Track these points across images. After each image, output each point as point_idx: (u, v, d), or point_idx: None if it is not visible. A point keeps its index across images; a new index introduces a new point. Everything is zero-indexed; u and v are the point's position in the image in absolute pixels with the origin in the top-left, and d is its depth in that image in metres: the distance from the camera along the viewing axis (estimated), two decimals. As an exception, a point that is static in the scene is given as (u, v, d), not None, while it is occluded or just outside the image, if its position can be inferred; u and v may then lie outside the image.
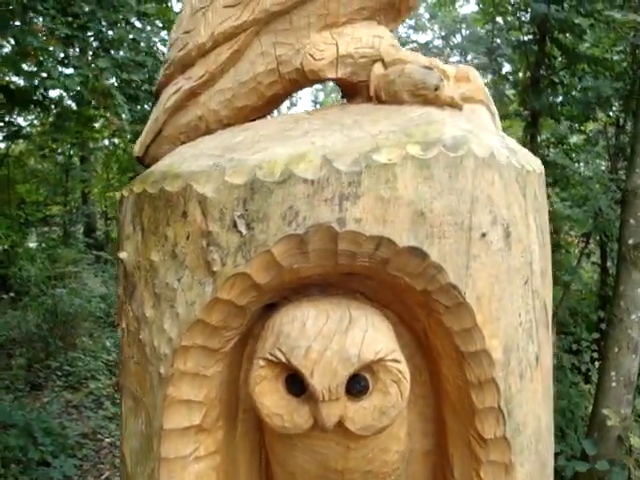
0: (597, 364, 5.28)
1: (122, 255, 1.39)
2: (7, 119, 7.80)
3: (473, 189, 1.22)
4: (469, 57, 16.88)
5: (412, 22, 18.81)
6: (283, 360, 1.21)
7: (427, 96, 1.33)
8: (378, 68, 1.42)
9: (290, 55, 1.42)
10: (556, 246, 6.82)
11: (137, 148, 1.60)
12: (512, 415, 1.33)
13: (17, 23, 4.89)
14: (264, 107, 1.50)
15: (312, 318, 1.23)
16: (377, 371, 1.23)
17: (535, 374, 1.38)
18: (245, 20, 1.39)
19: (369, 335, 1.22)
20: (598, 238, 6.52)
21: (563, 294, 5.63)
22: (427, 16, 18.38)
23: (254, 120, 1.50)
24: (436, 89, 1.33)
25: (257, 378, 1.26)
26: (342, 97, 1.58)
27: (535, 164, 1.43)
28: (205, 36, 1.42)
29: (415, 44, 18.27)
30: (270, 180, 1.18)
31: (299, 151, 1.21)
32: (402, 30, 19.03)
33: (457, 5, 15.12)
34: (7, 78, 7.12)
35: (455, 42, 17.76)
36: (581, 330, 6.08)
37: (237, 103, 1.47)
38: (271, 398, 1.26)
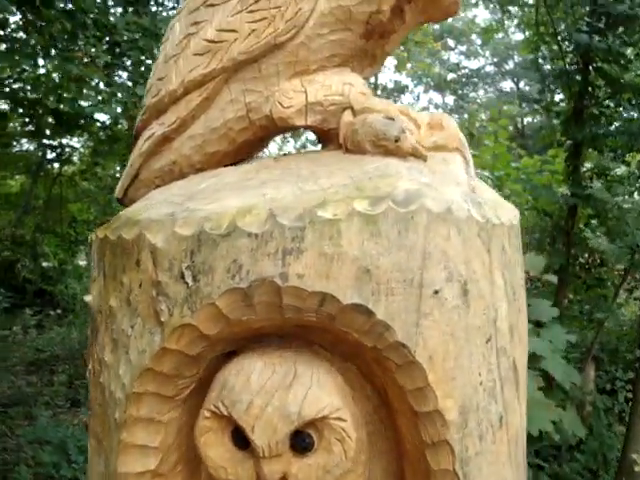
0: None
1: (87, 298, 1.40)
2: (57, 141, 8.08)
3: (425, 245, 1.20)
4: (522, 84, 16.69)
5: (464, 48, 18.74)
6: (225, 413, 1.20)
7: (388, 147, 1.32)
8: (347, 116, 1.41)
9: (259, 102, 1.42)
10: (599, 280, 6.63)
11: (117, 190, 1.63)
12: (469, 478, 1.28)
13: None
14: (236, 153, 1.50)
15: (257, 372, 1.21)
16: (322, 429, 1.21)
17: (499, 435, 1.33)
18: (214, 68, 1.40)
19: (312, 392, 1.19)
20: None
21: (597, 332, 5.44)
22: (479, 42, 18.29)
23: (227, 165, 1.51)
24: (396, 140, 1.31)
25: (202, 429, 1.25)
26: (319, 143, 1.57)
27: (507, 216, 1.39)
28: (176, 83, 1.44)
29: (467, 70, 18.19)
30: (216, 233, 1.18)
31: (248, 204, 1.21)
32: (454, 57, 18.99)
33: (510, 32, 15.01)
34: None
35: (507, 68, 17.58)
36: (617, 369, 5.86)
37: (208, 149, 1.48)
38: (216, 450, 1.25)
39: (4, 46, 5.22)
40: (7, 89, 6.23)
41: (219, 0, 1.40)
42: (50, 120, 7.27)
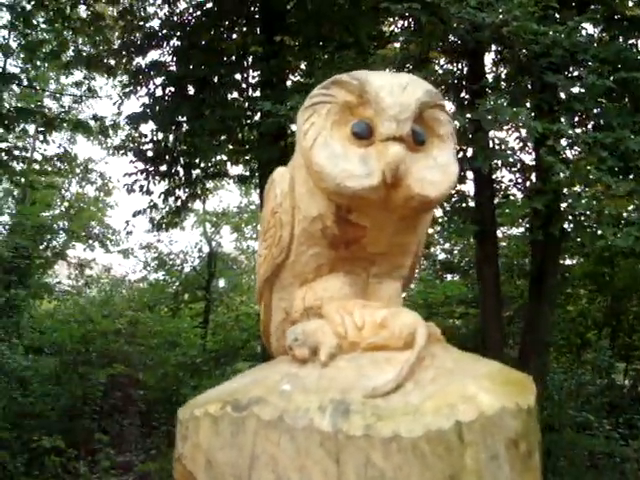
0: None
1: None
2: None
3: (253, 447, 1.38)
4: None
5: None
6: None
7: (290, 354, 1.52)
8: None
9: (290, 307, 1.78)
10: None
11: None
12: None
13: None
14: None
15: None
16: None
17: None
18: (260, 283, 1.85)
19: None
20: None
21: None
22: None
23: None
24: (290, 349, 1.50)
25: None
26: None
27: (410, 426, 1.32)
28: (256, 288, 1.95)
29: None
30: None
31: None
32: None
33: None
34: None
35: None
36: None
37: (282, 343, 1.88)
38: None
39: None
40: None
41: (260, 230, 1.87)
42: None
